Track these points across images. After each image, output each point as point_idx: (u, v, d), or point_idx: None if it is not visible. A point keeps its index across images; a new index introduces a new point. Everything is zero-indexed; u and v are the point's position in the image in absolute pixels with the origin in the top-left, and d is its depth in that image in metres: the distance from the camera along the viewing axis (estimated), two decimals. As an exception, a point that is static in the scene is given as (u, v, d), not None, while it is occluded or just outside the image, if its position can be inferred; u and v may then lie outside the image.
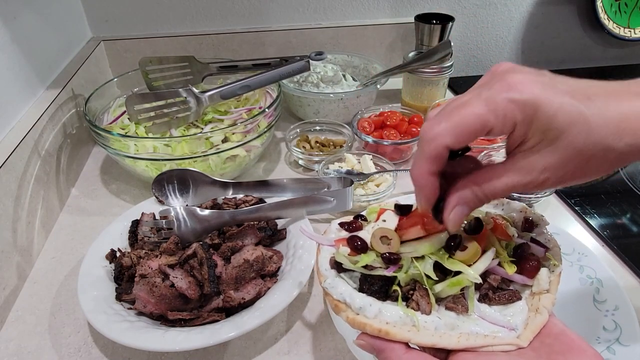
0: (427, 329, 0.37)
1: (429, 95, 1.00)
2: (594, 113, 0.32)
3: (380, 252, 0.40)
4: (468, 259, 0.39)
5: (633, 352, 0.49)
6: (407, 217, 0.43)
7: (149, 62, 0.85)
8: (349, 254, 0.41)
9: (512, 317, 0.38)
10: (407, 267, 0.39)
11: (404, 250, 0.40)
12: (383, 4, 1.16)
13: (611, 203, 0.77)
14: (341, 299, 0.39)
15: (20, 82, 0.75)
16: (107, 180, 0.86)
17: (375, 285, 0.40)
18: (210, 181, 0.70)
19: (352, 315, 0.38)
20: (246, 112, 0.86)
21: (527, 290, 0.41)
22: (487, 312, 0.39)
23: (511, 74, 0.34)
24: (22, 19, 0.77)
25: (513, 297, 0.40)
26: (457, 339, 0.36)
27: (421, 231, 0.40)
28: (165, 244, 0.59)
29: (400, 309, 0.38)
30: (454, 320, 0.38)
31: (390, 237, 0.40)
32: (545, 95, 0.32)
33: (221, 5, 1.09)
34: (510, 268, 0.40)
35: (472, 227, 0.40)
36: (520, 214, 0.45)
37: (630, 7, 1.24)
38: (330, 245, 0.43)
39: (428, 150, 0.35)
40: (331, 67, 1.03)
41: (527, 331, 0.37)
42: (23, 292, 0.63)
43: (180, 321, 0.53)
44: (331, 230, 0.45)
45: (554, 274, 0.41)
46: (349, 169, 0.80)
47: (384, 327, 0.37)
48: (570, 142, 0.33)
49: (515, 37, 1.28)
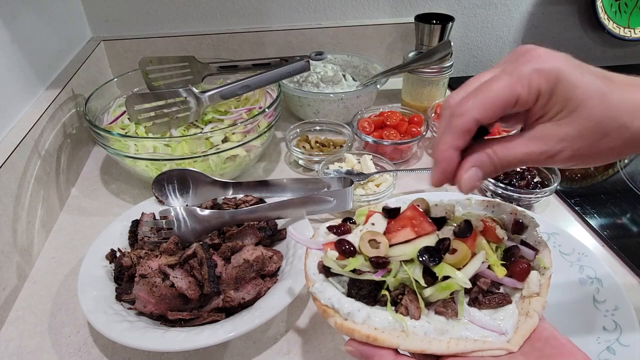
0: (416, 334, 0.36)
1: (429, 95, 1.00)
2: (613, 91, 0.34)
3: (368, 255, 0.39)
4: (458, 262, 0.38)
5: (633, 352, 0.49)
6: (396, 219, 0.42)
7: (149, 62, 0.85)
8: (337, 258, 0.40)
9: (502, 321, 0.38)
10: (395, 271, 0.39)
11: (392, 254, 0.39)
12: (383, 4, 1.16)
13: (611, 203, 0.77)
14: (329, 304, 0.39)
15: (20, 82, 0.75)
16: (107, 180, 0.86)
17: (364, 289, 0.39)
18: (210, 181, 0.70)
19: (340, 321, 0.37)
20: (246, 112, 0.86)
21: (517, 293, 0.40)
22: (477, 316, 0.38)
23: (535, 50, 0.35)
24: (22, 19, 0.77)
25: (503, 300, 0.39)
26: (447, 344, 0.36)
27: (411, 233, 0.40)
28: (165, 244, 0.59)
29: (389, 314, 0.37)
30: (443, 325, 0.37)
31: (378, 241, 0.40)
32: (568, 68, 0.34)
33: (221, 5, 1.09)
34: (500, 271, 0.39)
35: (461, 230, 0.40)
36: (510, 216, 0.45)
37: (630, 7, 1.24)
38: (318, 249, 0.43)
39: (458, 124, 0.36)
40: (331, 67, 1.03)
41: (518, 335, 0.37)
42: (23, 292, 0.63)
43: (180, 321, 0.53)
44: (320, 233, 0.44)
45: (544, 277, 0.41)
46: (349, 169, 0.80)
47: (372, 332, 0.36)
48: (589, 114, 0.34)
49: (515, 37, 1.28)
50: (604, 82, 0.34)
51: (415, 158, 0.91)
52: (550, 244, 0.63)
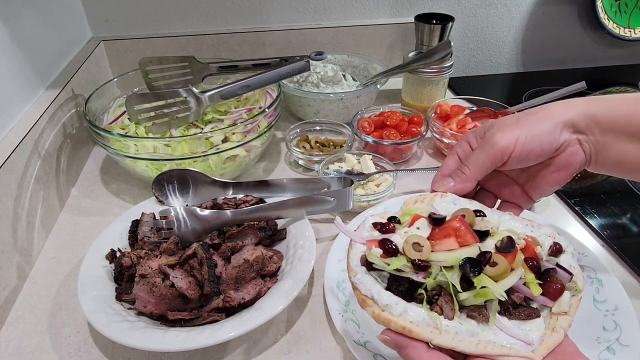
0: (448, 332, 0.39)
1: (429, 95, 1.00)
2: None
3: (411, 257, 0.41)
4: (497, 275, 0.40)
5: (633, 352, 0.49)
6: (441, 228, 0.43)
7: (149, 62, 0.85)
8: (381, 256, 0.42)
9: (529, 332, 0.40)
10: (435, 274, 0.41)
11: (434, 259, 0.41)
12: (383, 4, 1.16)
13: (611, 203, 0.77)
14: (369, 295, 0.41)
15: (20, 82, 0.75)
16: (107, 180, 0.86)
17: (403, 286, 0.42)
18: (210, 181, 0.70)
19: (378, 311, 0.40)
20: (246, 112, 0.86)
21: (546, 309, 0.42)
22: (506, 324, 0.41)
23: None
24: (22, 19, 0.77)
25: (532, 314, 0.41)
26: (476, 345, 0.38)
27: (454, 244, 0.42)
28: (165, 244, 0.59)
29: (424, 311, 0.40)
30: (474, 327, 0.39)
31: (422, 245, 0.41)
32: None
33: (221, 5, 1.09)
34: (536, 290, 0.41)
35: (504, 245, 0.42)
36: (549, 239, 0.46)
37: (630, 7, 1.25)
38: (362, 243, 0.44)
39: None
40: (331, 67, 1.03)
41: (542, 347, 0.39)
42: (23, 292, 0.63)
43: (180, 321, 0.53)
44: (364, 228, 0.46)
45: (575, 298, 0.43)
46: (349, 169, 0.80)
47: (407, 325, 0.38)
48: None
49: (515, 37, 1.28)
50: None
51: (415, 158, 0.91)
52: (550, 244, 0.63)
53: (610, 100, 0.45)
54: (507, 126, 0.48)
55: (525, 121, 0.47)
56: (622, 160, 0.45)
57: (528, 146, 0.46)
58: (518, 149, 0.47)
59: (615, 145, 0.45)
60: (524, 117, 0.48)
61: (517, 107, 0.93)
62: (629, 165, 0.45)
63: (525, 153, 0.47)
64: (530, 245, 0.44)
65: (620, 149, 0.44)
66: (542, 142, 0.46)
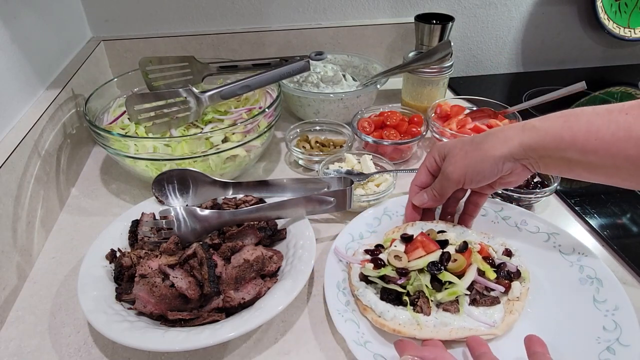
0: (427, 326, 0.52)
1: (429, 95, 1.00)
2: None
3: (395, 266, 0.55)
4: (457, 267, 0.54)
5: (633, 352, 0.49)
6: (410, 243, 0.59)
7: (149, 62, 0.85)
8: (373, 268, 0.56)
9: (494, 314, 0.54)
10: (413, 279, 0.55)
11: (410, 265, 0.55)
12: (383, 4, 1.16)
13: (611, 203, 0.77)
14: (368, 305, 0.54)
15: (20, 82, 0.75)
16: (107, 180, 0.86)
17: (392, 295, 0.55)
18: (210, 181, 0.70)
19: (375, 317, 0.53)
20: (246, 112, 0.86)
21: (504, 297, 0.56)
22: (475, 313, 0.54)
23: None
24: (22, 19, 0.77)
25: (494, 301, 0.55)
26: (449, 332, 0.52)
27: (422, 251, 0.56)
28: (165, 244, 0.59)
29: (409, 313, 0.53)
30: (448, 319, 0.52)
31: (400, 256, 0.56)
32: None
33: (221, 5, 1.09)
34: (492, 274, 0.55)
35: (460, 247, 0.57)
36: (501, 247, 0.61)
37: (630, 7, 1.25)
38: (359, 264, 0.59)
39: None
40: (331, 67, 1.03)
41: (503, 324, 0.53)
42: (23, 292, 0.63)
43: (180, 321, 0.53)
44: (359, 253, 0.61)
45: (524, 287, 0.56)
46: (349, 169, 0.80)
47: (397, 327, 0.52)
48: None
49: (515, 37, 1.28)
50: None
51: (415, 158, 0.91)
52: (550, 243, 0.64)
53: (541, 128, 0.52)
54: (457, 160, 0.58)
55: (471, 156, 0.57)
56: (561, 171, 0.54)
57: (476, 178, 0.57)
58: (467, 181, 0.58)
59: (552, 161, 0.53)
60: (471, 151, 0.57)
61: (517, 107, 0.93)
62: (569, 174, 0.53)
63: (475, 183, 0.58)
64: (484, 249, 0.59)
65: (557, 163, 0.53)
66: (487, 175, 0.56)
